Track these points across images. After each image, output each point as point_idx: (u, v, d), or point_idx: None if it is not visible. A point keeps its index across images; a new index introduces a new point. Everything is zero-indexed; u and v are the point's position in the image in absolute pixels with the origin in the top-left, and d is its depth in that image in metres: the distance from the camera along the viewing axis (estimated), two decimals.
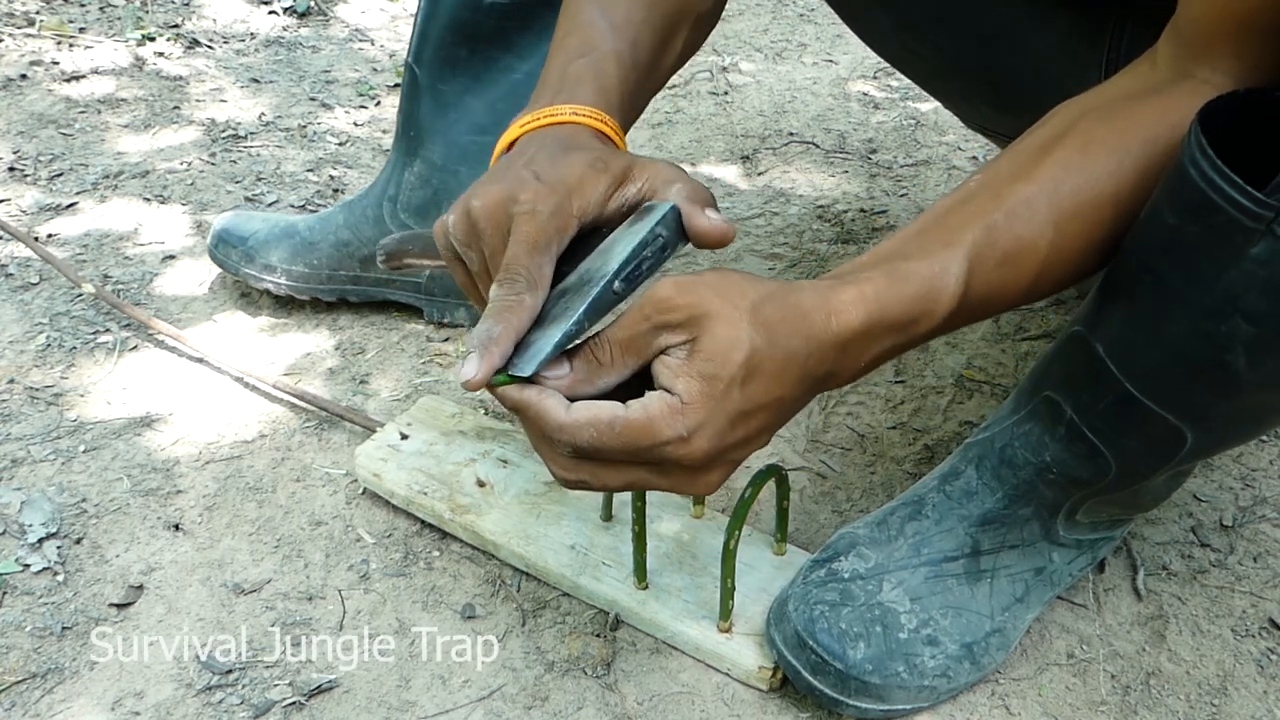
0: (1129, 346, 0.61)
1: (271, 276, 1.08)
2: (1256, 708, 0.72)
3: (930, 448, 0.95)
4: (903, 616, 0.69)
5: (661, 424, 0.52)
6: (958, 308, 0.57)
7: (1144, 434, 0.63)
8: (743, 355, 0.52)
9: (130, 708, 0.70)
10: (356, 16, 1.96)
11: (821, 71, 1.82)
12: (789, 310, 0.54)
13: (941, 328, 0.58)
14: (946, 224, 0.59)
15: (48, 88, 1.60)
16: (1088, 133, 0.59)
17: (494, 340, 0.54)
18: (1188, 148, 0.55)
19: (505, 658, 0.74)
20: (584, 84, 0.66)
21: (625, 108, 0.67)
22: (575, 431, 0.53)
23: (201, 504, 0.87)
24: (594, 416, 0.52)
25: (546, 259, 0.57)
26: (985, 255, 0.57)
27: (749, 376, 0.52)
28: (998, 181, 0.60)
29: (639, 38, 0.70)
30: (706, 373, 0.52)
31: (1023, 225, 0.58)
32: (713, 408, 0.52)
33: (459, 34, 1.02)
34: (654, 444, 0.52)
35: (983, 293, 0.58)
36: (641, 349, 0.54)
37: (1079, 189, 0.58)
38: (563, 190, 0.58)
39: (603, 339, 0.55)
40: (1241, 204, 0.52)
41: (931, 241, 0.58)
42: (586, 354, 0.55)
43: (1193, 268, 0.56)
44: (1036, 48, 0.85)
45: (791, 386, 0.54)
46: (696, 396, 0.52)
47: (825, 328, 0.54)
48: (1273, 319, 0.53)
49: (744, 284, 0.54)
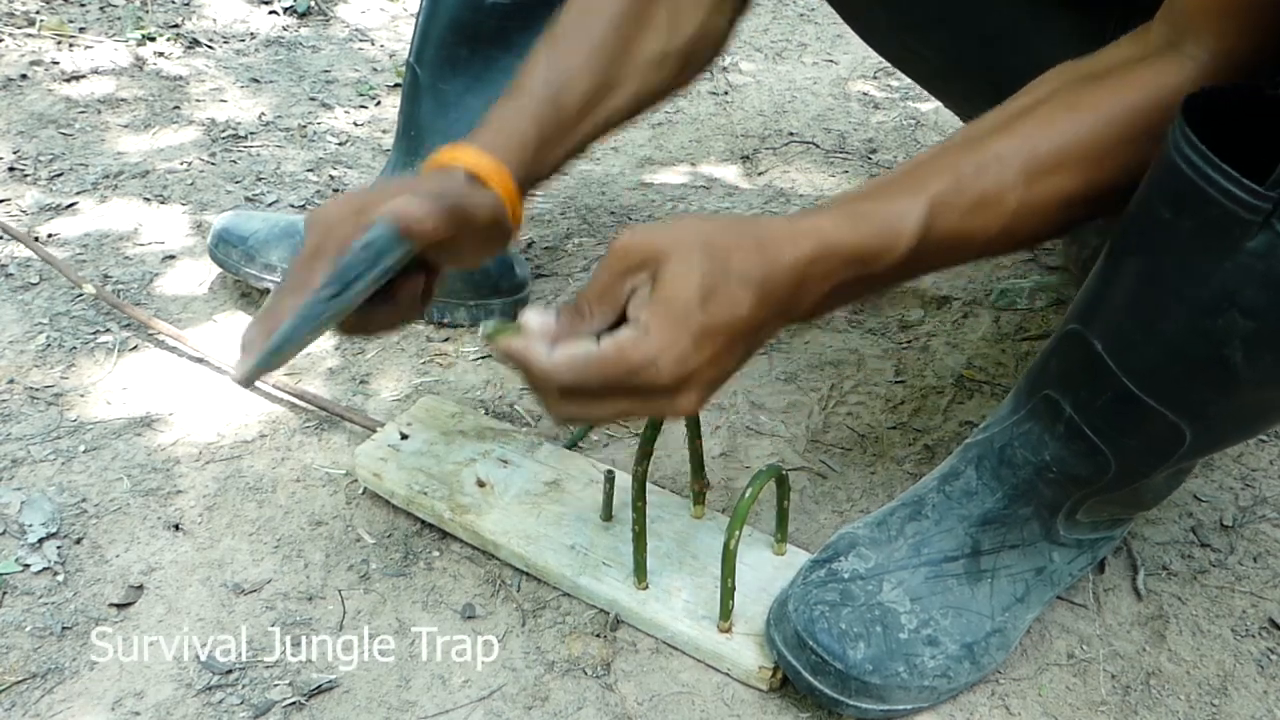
0: (1126, 342, 0.61)
1: (272, 276, 1.08)
2: (1256, 708, 0.72)
3: (930, 448, 0.95)
4: (903, 617, 0.69)
5: (630, 352, 0.56)
6: (917, 248, 0.60)
7: (1143, 431, 0.63)
8: (697, 279, 0.56)
9: (130, 708, 0.70)
10: (356, 16, 1.96)
11: (821, 71, 1.82)
12: (743, 238, 0.58)
13: (904, 266, 0.61)
14: (917, 173, 0.62)
15: (48, 88, 1.60)
16: (1073, 95, 0.61)
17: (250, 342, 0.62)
18: (1174, 140, 0.55)
19: (505, 658, 0.74)
20: (492, 128, 0.73)
21: (531, 150, 0.73)
22: (556, 371, 0.57)
23: (201, 504, 0.87)
24: (570, 355, 0.57)
25: (318, 263, 0.63)
26: (950, 203, 0.60)
27: (706, 298, 0.56)
28: (977, 135, 0.63)
29: (571, 83, 0.75)
30: (664, 297, 0.56)
31: (992, 178, 0.60)
32: (675, 330, 0.56)
33: (460, 34, 1.02)
34: (626, 371, 0.56)
35: (945, 238, 0.61)
36: (615, 297, 0.58)
37: (1055, 148, 0.60)
38: (358, 202, 0.64)
39: (580, 295, 0.59)
40: (1238, 196, 0.52)
41: (898, 187, 0.61)
42: (570, 310, 0.59)
43: (1188, 262, 0.55)
44: (1038, 48, 0.85)
45: (749, 307, 0.57)
46: (658, 323, 0.56)
47: (779, 253, 0.58)
48: (1271, 313, 0.53)
49: (698, 222, 0.59)
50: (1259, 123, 0.56)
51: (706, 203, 1.36)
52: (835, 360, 1.06)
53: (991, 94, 0.69)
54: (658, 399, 0.58)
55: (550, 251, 1.25)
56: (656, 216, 1.33)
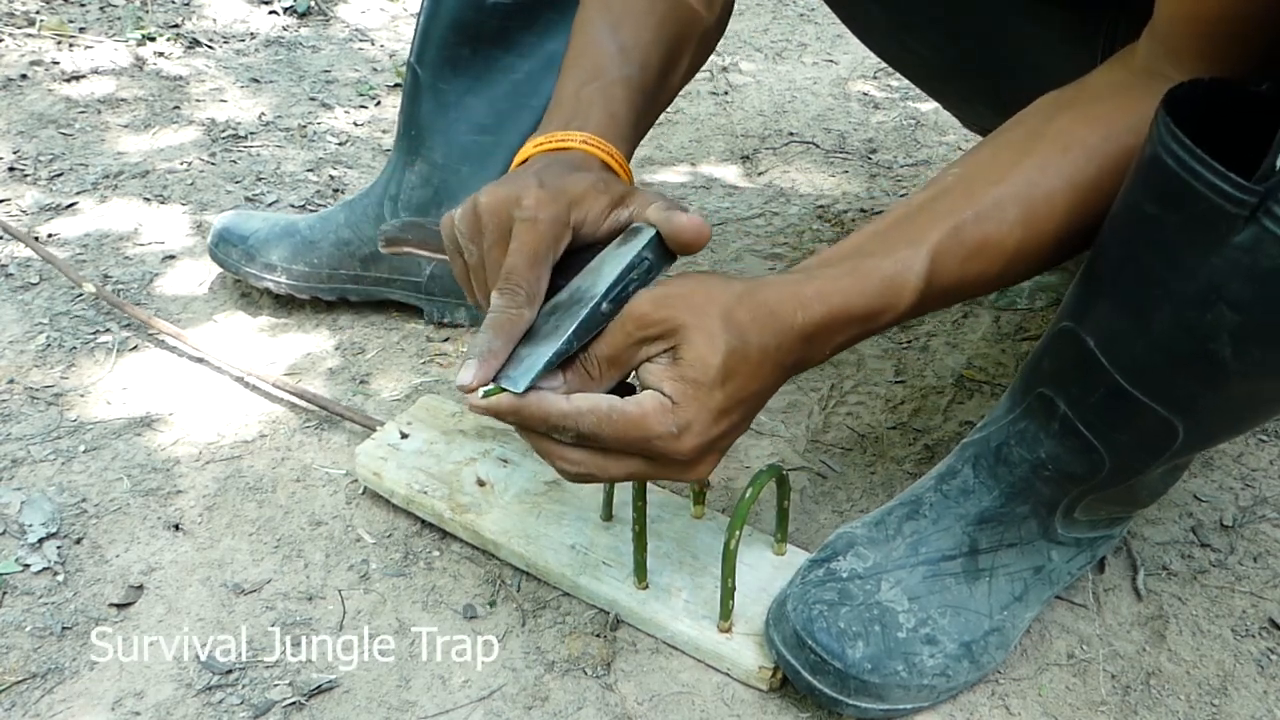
0: (1117, 338, 0.61)
1: (272, 275, 1.08)
2: (1256, 708, 0.72)
3: (930, 448, 0.95)
4: (901, 616, 0.69)
5: (653, 420, 0.56)
6: (920, 300, 0.61)
7: (1136, 427, 0.63)
8: (720, 358, 0.56)
9: (130, 708, 0.71)
10: (356, 16, 1.96)
11: (821, 71, 1.82)
12: (758, 309, 0.58)
13: (906, 316, 0.62)
14: (915, 221, 0.62)
15: (48, 88, 1.60)
16: (1066, 132, 0.62)
17: (492, 352, 0.58)
18: (1157, 135, 0.55)
19: (505, 658, 0.74)
20: (594, 111, 0.70)
21: (632, 132, 0.72)
22: (578, 418, 0.57)
23: (201, 504, 0.87)
24: (594, 404, 0.57)
25: (544, 270, 0.61)
26: (950, 252, 0.61)
27: (728, 376, 0.57)
28: (971, 179, 0.63)
29: (647, 60, 0.74)
30: (690, 377, 0.57)
31: (992, 225, 0.61)
32: (699, 407, 0.57)
33: (461, 34, 1.02)
34: (646, 437, 0.57)
35: (947, 286, 0.62)
36: (625, 362, 0.59)
37: (1053, 191, 0.61)
38: (564, 200, 0.61)
39: (590, 355, 0.59)
40: (1224, 191, 0.52)
41: (898, 239, 0.62)
42: (577, 368, 0.59)
43: (1175, 256, 0.56)
44: (1034, 48, 0.85)
45: (765, 379, 0.59)
46: (684, 398, 0.57)
47: (792, 322, 0.59)
48: (1257, 307, 0.53)
49: (714, 290, 0.59)
50: (1240, 118, 0.56)
51: (706, 203, 1.36)
52: (835, 360, 1.06)
53: (988, 94, 0.69)
54: (671, 466, 0.59)
55: None
56: None
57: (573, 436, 0.58)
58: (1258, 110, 0.56)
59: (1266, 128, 0.53)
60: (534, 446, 0.61)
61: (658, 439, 0.57)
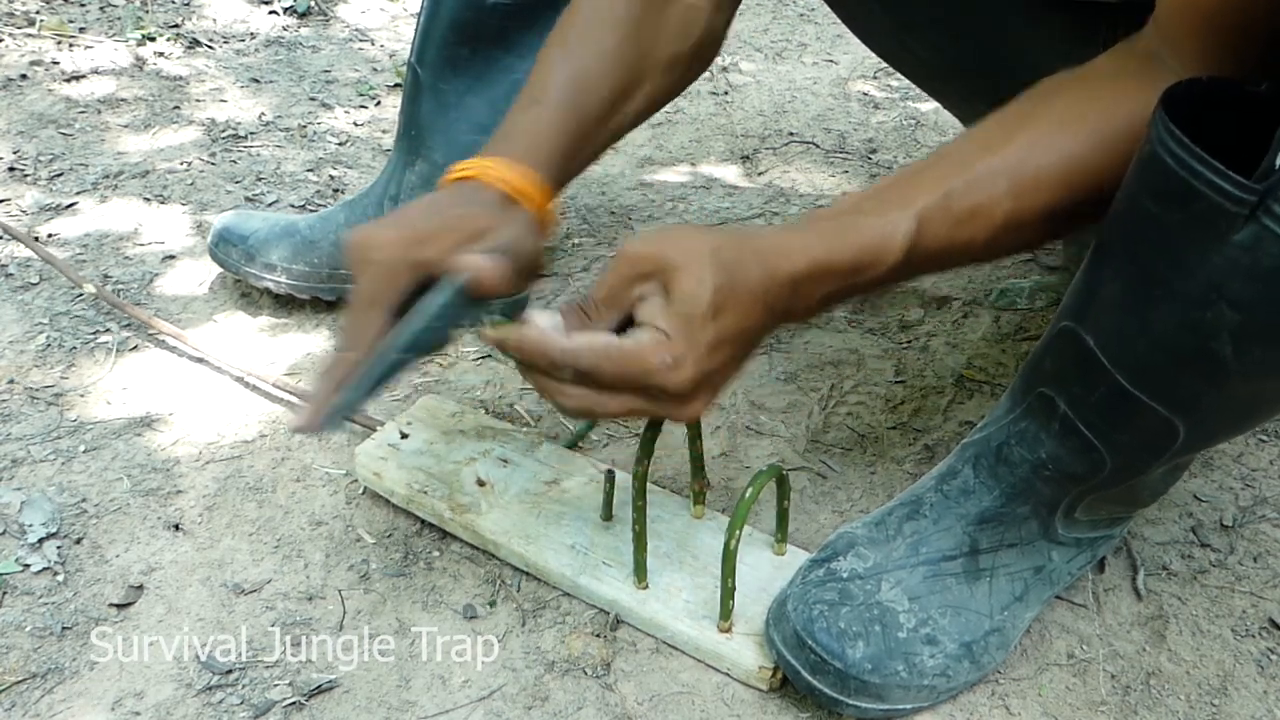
0: (1118, 338, 0.61)
1: (272, 275, 1.08)
2: (1256, 708, 0.72)
3: (930, 448, 0.95)
4: (901, 616, 0.69)
5: (650, 354, 0.58)
6: (905, 260, 0.62)
7: (1137, 427, 0.63)
8: (709, 292, 0.58)
9: (130, 708, 0.71)
10: (357, 16, 1.96)
11: (821, 71, 1.82)
12: (745, 252, 0.60)
13: (892, 275, 0.63)
14: (908, 185, 0.64)
15: (48, 88, 1.60)
16: (1065, 111, 0.63)
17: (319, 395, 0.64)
18: (1156, 134, 0.55)
19: (505, 658, 0.74)
20: (521, 138, 0.73)
21: (560, 159, 0.74)
22: (577, 355, 0.59)
23: (201, 504, 0.87)
24: (591, 341, 0.59)
25: (375, 312, 0.65)
26: (938, 217, 0.62)
27: (719, 310, 0.59)
28: (967, 150, 0.65)
29: (592, 88, 0.76)
30: (683, 311, 0.58)
31: (982, 194, 0.62)
32: (692, 339, 0.59)
33: (461, 34, 1.02)
34: (644, 370, 0.59)
35: (933, 249, 0.63)
36: (621, 302, 0.61)
37: (1046, 166, 0.62)
38: (410, 241, 0.65)
39: (588, 299, 0.61)
40: (1224, 189, 0.52)
41: (888, 200, 0.64)
42: (576, 311, 0.61)
43: (1176, 255, 0.56)
44: (1034, 48, 0.85)
45: (755, 318, 0.61)
46: (677, 332, 0.58)
47: (777, 267, 0.61)
48: (1258, 305, 0.53)
49: (701, 232, 0.62)
50: (1239, 117, 0.56)
51: (706, 203, 1.36)
52: (835, 360, 1.06)
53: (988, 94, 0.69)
54: (668, 402, 0.61)
55: (550, 251, 1.25)
56: (656, 217, 1.33)
57: (572, 373, 0.60)
58: (1257, 109, 0.56)
59: (1266, 127, 0.53)
60: (534, 384, 0.63)
61: (655, 372, 0.58)
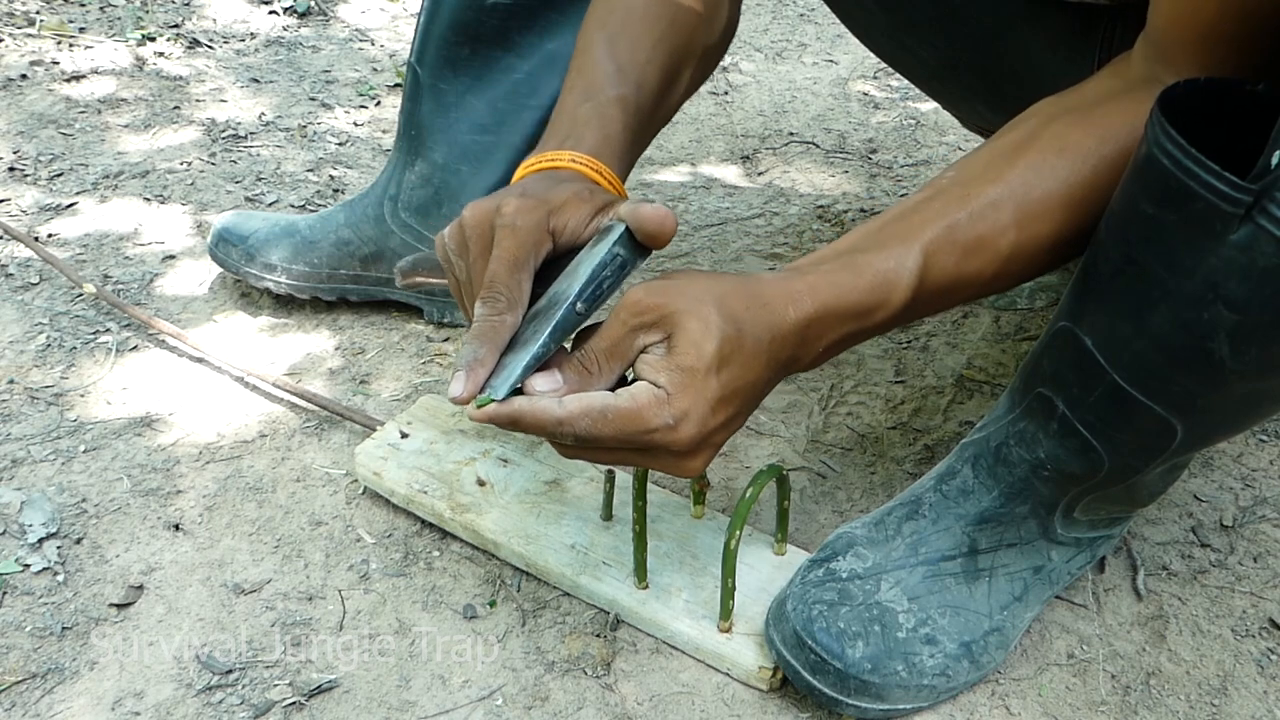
0: (1115, 338, 0.61)
1: (272, 275, 1.08)
2: (1256, 708, 0.72)
3: (930, 448, 0.95)
4: (901, 616, 0.69)
5: (649, 413, 0.56)
6: (913, 299, 0.61)
7: (1134, 427, 0.63)
8: (715, 345, 0.56)
9: (130, 708, 0.71)
10: (357, 16, 1.96)
11: (821, 71, 1.82)
12: (751, 301, 0.58)
13: (900, 316, 0.62)
14: (910, 220, 0.62)
15: (48, 88, 1.60)
16: (1062, 136, 0.62)
17: (479, 361, 0.58)
18: (1152, 135, 0.55)
19: (505, 658, 0.74)
20: (588, 131, 0.70)
21: (627, 151, 0.72)
22: (573, 422, 0.56)
23: (201, 504, 0.87)
24: (587, 406, 0.56)
25: (524, 275, 0.60)
26: (944, 251, 0.61)
27: (723, 364, 0.56)
28: (967, 180, 0.63)
29: (644, 80, 0.74)
30: (685, 365, 0.56)
31: (986, 225, 0.61)
32: (694, 396, 0.56)
33: (461, 34, 1.02)
34: (643, 431, 0.56)
35: (940, 285, 0.62)
36: (624, 353, 0.58)
37: (1048, 193, 0.62)
38: (544, 208, 0.61)
39: (588, 350, 0.58)
40: (1221, 190, 0.52)
41: (891, 236, 0.62)
42: (576, 365, 0.58)
43: (1173, 256, 0.56)
44: (1034, 50, 0.85)
45: (760, 370, 0.58)
46: (679, 387, 0.56)
47: (784, 316, 0.58)
48: (1254, 305, 0.53)
49: (707, 280, 0.59)
50: (1235, 117, 0.56)
51: (706, 203, 1.36)
52: (835, 360, 1.06)
53: (987, 94, 0.69)
54: (667, 458, 0.59)
55: None
56: None
57: (571, 439, 0.58)
58: (1252, 109, 0.56)
59: (1261, 127, 0.53)
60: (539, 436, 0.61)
61: (654, 431, 0.56)
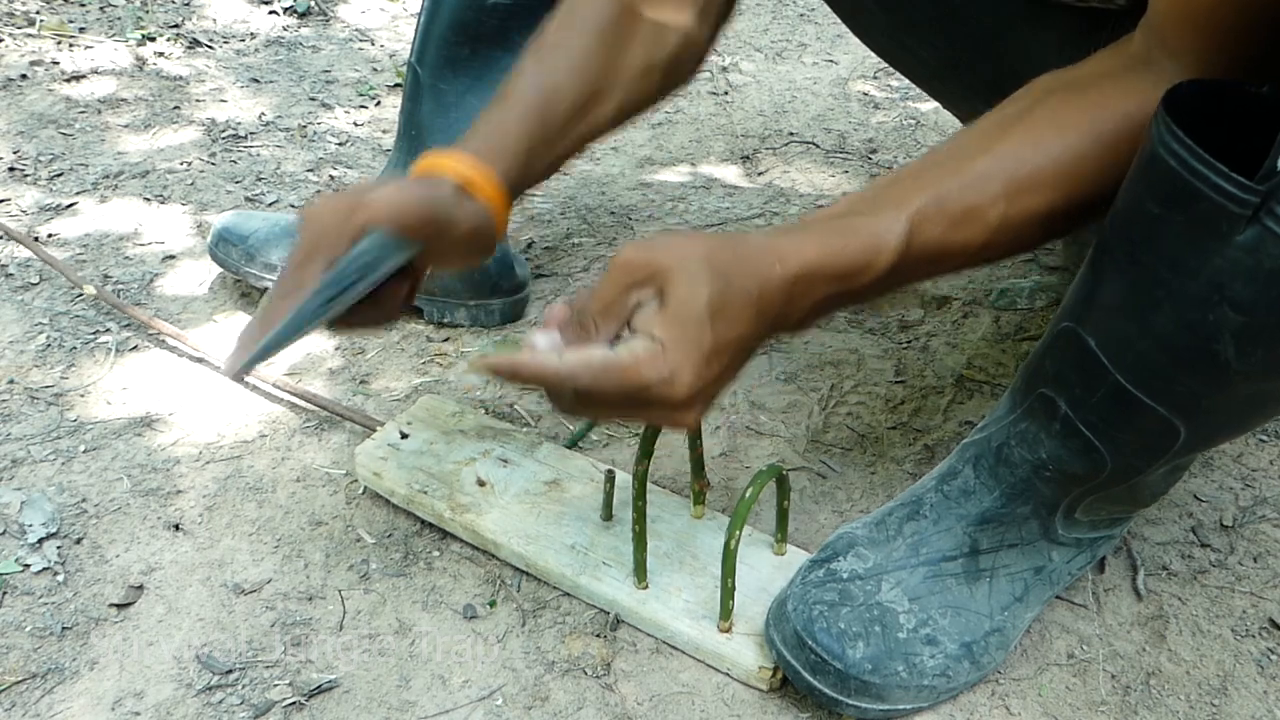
0: (1119, 338, 0.61)
1: (272, 275, 1.08)
2: (1256, 708, 0.72)
3: (930, 448, 0.95)
4: (901, 616, 0.69)
5: (646, 368, 0.57)
6: (899, 263, 0.62)
7: (1138, 428, 0.63)
8: (705, 299, 0.57)
9: (130, 708, 0.71)
10: (357, 16, 1.96)
11: (821, 71, 1.82)
12: (739, 256, 0.59)
13: (886, 280, 0.63)
14: (901, 186, 0.63)
15: (48, 88, 1.60)
16: (1057, 111, 0.63)
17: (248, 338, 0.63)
18: (1158, 135, 0.55)
19: (505, 658, 0.74)
20: (480, 136, 0.74)
21: (521, 158, 0.75)
22: (572, 376, 0.58)
23: (201, 504, 0.87)
24: (586, 359, 0.58)
25: (313, 267, 0.64)
26: (932, 219, 0.62)
27: (715, 316, 0.58)
28: (961, 151, 0.64)
29: (559, 93, 0.77)
30: (679, 317, 0.57)
31: (975, 195, 0.62)
32: (689, 348, 0.57)
33: (461, 34, 1.02)
34: (641, 385, 0.57)
35: (927, 253, 0.62)
36: (619, 311, 0.60)
37: (1039, 167, 0.62)
38: (354, 203, 0.65)
39: (584, 310, 0.60)
40: (1228, 191, 0.52)
41: (881, 202, 0.63)
42: (574, 324, 0.60)
43: (1178, 256, 0.56)
44: (1034, 50, 0.85)
45: (750, 324, 0.60)
46: (673, 340, 0.57)
47: (771, 271, 0.60)
48: (1260, 307, 0.53)
49: (696, 238, 0.61)
50: (1241, 118, 0.56)
51: (706, 203, 1.36)
52: (835, 360, 1.06)
53: (988, 94, 0.69)
54: (664, 411, 0.60)
55: (550, 251, 1.25)
56: (656, 217, 1.33)
57: (570, 393, 0.59)
58: (1259, 111, 0.56)
59: (1267, 129, 0.53)
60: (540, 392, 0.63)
61: (654, 384, 0.57)
